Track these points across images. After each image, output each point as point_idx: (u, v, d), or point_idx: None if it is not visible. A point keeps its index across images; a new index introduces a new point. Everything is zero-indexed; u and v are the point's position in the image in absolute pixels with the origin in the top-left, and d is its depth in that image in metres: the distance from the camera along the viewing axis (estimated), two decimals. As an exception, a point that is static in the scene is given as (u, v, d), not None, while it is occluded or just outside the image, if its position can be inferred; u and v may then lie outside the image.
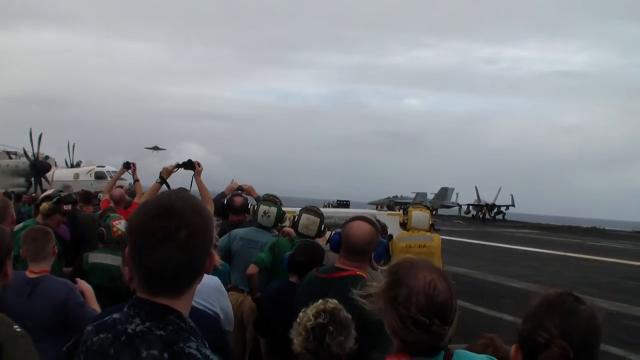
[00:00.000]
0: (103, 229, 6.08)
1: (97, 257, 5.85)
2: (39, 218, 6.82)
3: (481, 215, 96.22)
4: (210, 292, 4.36)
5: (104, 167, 43.65)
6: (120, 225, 6.02)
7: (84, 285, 4.56)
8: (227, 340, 3.62)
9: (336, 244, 4.23)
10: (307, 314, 3.30)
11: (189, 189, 6.82)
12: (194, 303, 3.70)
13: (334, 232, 4.53)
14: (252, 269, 6.21)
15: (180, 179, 6.67)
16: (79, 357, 1.84)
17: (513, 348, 2.31)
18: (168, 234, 1.76)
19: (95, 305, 6.00)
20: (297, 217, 6.66)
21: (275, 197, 7.23)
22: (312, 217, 6.58)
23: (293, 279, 5.15)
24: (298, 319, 3.32)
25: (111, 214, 6.43)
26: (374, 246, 4.13)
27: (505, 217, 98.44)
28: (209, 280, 4.55)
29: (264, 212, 6.94)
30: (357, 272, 4.02)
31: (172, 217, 1.78)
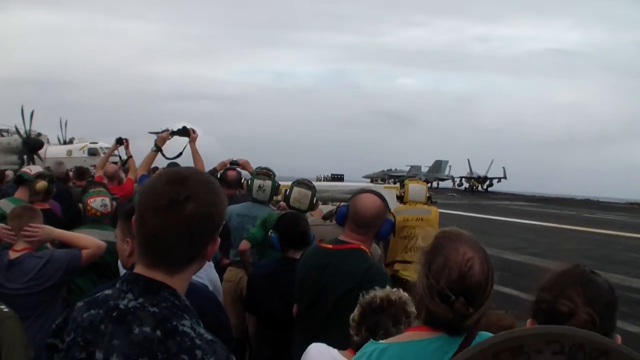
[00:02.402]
0: (80, 205, 5.99)
1: (82, 233, 5.75)
2: (22, 195, 6.60)
3: (473, 187, 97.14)
4: None
5: (97, 143, 43.47)
6: (94, 203, 5.89)
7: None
8: (226, 315, 3.56)
9: (343, 217, 4.14)
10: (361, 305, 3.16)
11: (180, 151, 6.76)
12: None
13: (340, 204, 4.44)
14: (244, 244, 6.16)
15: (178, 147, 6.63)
16: (69, 333, 1.79)
17: (528, 322, 2.23)
18: (175, 202, 1.73)
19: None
20: (288, 190, 6.58)
21: (268, 169, 7.15)
22: (304, 191, 6.50)
23: (291, 254, 5.07)
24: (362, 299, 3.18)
25: (91, 190, 6.28)
26: (381, 221, 4.07)
27: (494, 189, 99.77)
28: None
29: (259, 187, 6.85)
30: (361, 247, 4.01)
31: (184, 187, 1.76)
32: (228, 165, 8.51)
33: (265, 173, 7.01)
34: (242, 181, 7.69)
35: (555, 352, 1.33)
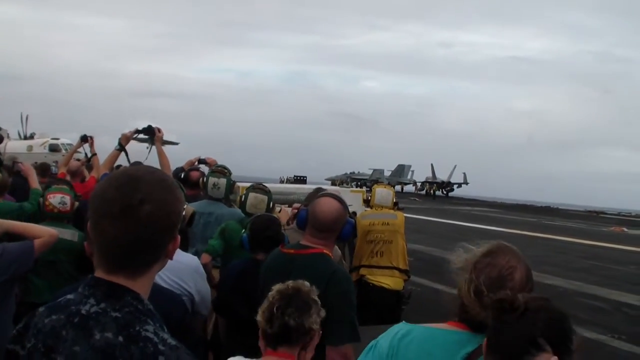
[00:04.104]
0: (40, 201, 5.89)
1: None
2: None
3: (432, 192, 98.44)
4: (188, 271, 4.29)
5: (58, 139, 42.96)
6: (53, 199, 5.80)
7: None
8: (193, 322, 3.51)
9: (303, 221, 4.15)
10: (269, 296, 3.21)
11: (146, 156, 6.68)
12: (167, 281, 3.58)
13: (301, 208, 4.45)
14: (205, 258, 6.12)
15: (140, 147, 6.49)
16: (30, 340, 1.73)
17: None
18: (129, 207, 1.68)
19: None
20: (244, 196, 6.52)
21: (224, 167, 7.20)
22: (260, 196, 6.44)
23: (259, 256, 5.05)
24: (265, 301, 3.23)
25: (54, 186, 6.17)
26: (341, 224, 4.06)
27: (455, 194, 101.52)
28: (189, 260, 4.50)
29: (214, 184, 6.89)
30: (324, 251, 3.98)
31: (137, 190, 1.70)
32: (196, 163, 8.48)
33: (220, 171, 7.06)
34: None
35: None
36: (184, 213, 1.84)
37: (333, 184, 77.32)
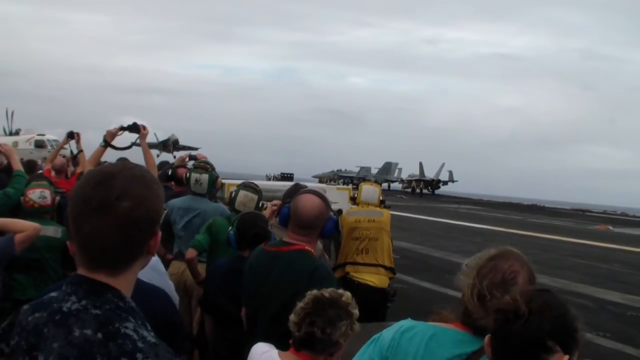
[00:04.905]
0: (21, 197, 5.85)
1: None
2: None
3: (420, 190, 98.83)
4: (144, 270, 4.23)
5: (44, 135, 42.66)
6: (33, 195, 5.77)
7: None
8: (180, 317, 3.49)
9: (285, 218, 4.16)
10: (305, 300, 3.20)
11: (127, 145, 6.67)
12: None
13: (279, 205, 4.45)
14: (191, 253, 6.16)
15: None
16: (14, 337, 1.74)
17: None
18: (106, 204, 1.68)
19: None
20: (234, 193, 6.56)
21: (206, 163, 7.27)
22: (250, 194, 6.47)
23: (246, 253, 5.04)
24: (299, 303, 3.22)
25: (34, 182, 6.12)
26: (323, 221, 4.06)
27: (441, 191, 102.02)
28: None
29: (196, 180, 6.97)
30: (305, 247, 3.99)
31: (113, 187, 1.70)
32: (187, 159, 8.51)
33: (202, 167, 7.11)
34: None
35: None
36: (166, 210, 1.83)
37: (320, 181, 77.46)
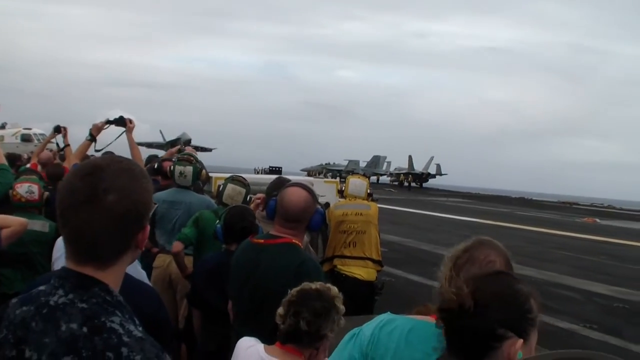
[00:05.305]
0: (10, 191, 5.83)
1: None
2: None
3: (408, 183, 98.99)
4: None
5: (30, 129, 42.47)
6: (20, 188, 5.74)
7: None
8: (167, 313, 3.48)
9: (272, 211, 4.17)
10: (291, 292, 3.21)
11: (112, 141, 6.66)
12: None
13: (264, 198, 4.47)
14: (177, 246, 6.16)
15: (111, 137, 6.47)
16: (1, 331, 1.73)
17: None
18: (93, 196, 1.69)
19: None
20: (222, 186, 6.56)
21: (190, 155, 7.27)
22: (238, 188, 6.46)
23: (232, 247, 5.04)
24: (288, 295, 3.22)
25: (23, 176, 6.09)
26: (310, 214, 4.06)
27: (430, 184, 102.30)
28: None
29: (180, 173, 6.95)
30: (292, 241, 3.99)
31: (101, 179, 1.71)
32: (176, 154, 8.51)
33: (186, 159, 7.11)
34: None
35: None
36: (156, 205, 1.84)
37: (309, 174, 77.41)
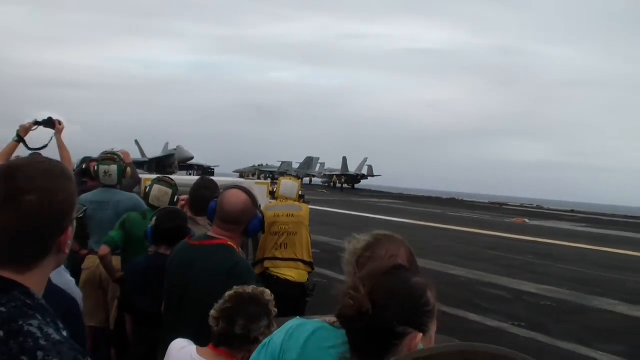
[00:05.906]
0: None
1: None
2: None
3: (341, 185, 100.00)
4: None
5: (-49, 129, 41.23)
6: None
7: None
8: (82, 324, 3.35)
9: (212, 212, 4.17)
10: (226, 295, 3.22)
11: (46, 143, 6.46)
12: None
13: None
14: (104, 250, 6.07)
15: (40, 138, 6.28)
16: None
17: None
18: (10, 197, 1.66)
19: None
20: (148, 187, 6.51)
21: (114, 154, 7.20)
22: (165, 189, 6.41)
23: (162, 249, 4.97)
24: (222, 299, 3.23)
25: None
26: (249, 216, 4.08)
27: (361, 185, 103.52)
28: None
29: (105, 172, 6.89)
30: (228, 242, 4.00)
31: (18, 180, 1.68)
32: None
33: (110, 158, 7.04)
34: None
35: None
36: (85, 207, 1.76)
37: (241, 176, 77.26)
